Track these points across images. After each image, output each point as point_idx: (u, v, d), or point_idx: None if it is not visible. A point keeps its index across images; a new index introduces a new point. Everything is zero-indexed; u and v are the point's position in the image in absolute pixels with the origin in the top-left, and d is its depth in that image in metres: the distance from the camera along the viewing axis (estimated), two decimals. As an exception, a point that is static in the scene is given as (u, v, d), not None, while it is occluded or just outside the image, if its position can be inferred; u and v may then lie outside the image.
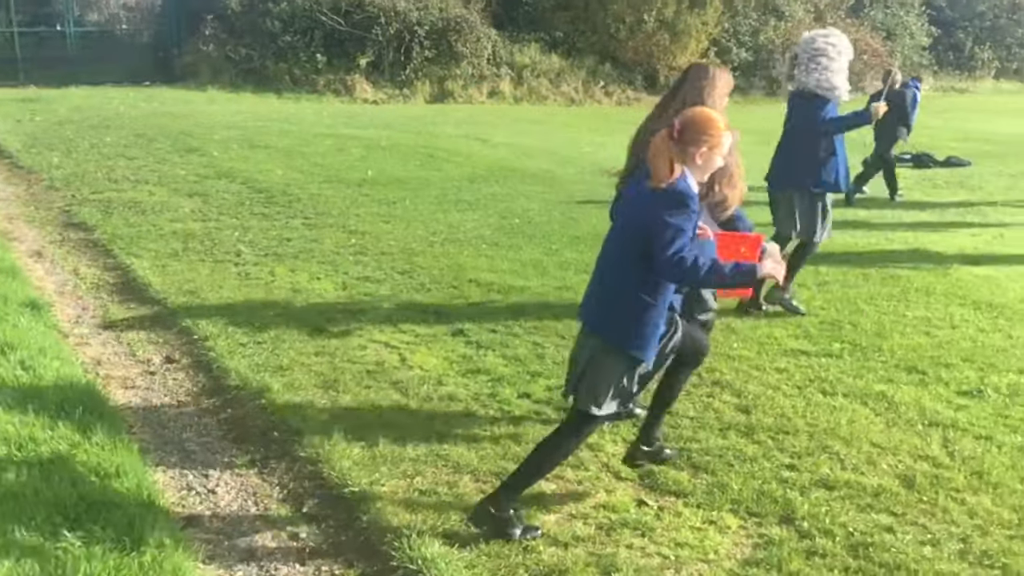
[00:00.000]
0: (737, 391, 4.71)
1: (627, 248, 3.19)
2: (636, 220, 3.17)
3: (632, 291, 3.17)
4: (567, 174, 11.51)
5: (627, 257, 3.18)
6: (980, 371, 5.03)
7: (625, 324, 3.19)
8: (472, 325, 5.59)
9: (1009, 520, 3.49)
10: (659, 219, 3.05)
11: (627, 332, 3.19)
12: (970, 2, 34.48)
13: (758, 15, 27.12)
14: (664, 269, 3.06)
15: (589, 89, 23.80)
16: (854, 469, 3.88)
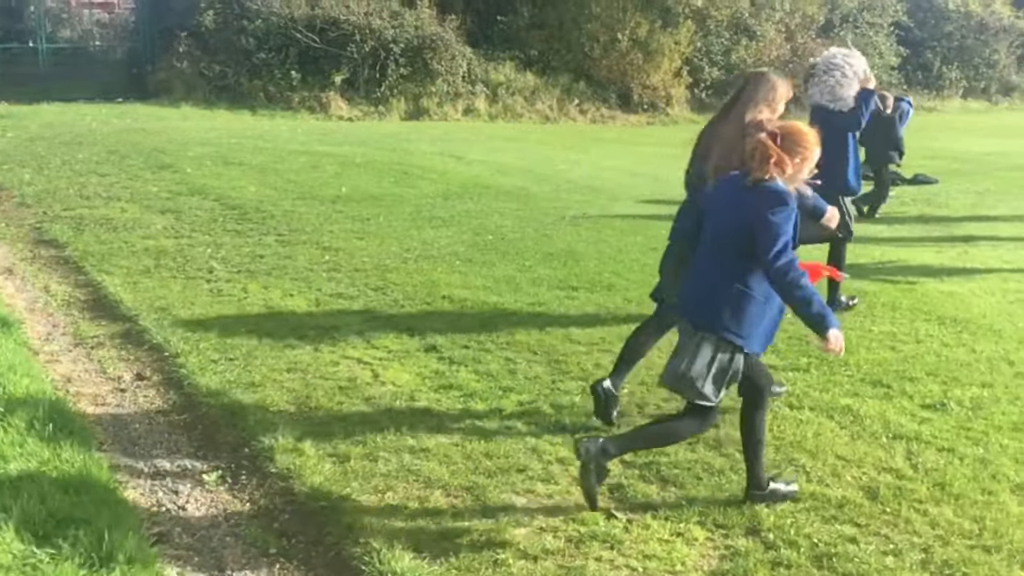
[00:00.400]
0: (706, 405, 4.76)
1: (728, 247, 3.45)
2: (737, 219, 3.41)
3: (736, 287, 3.42)
4: (542, 191, 11.58)
5: (728, 255, 3.44)
6: (944, 385, 5.13)
7: (732, 318, 3.42)
8: (445, 341, 5.62)
9: (970, 530, 3.56)
10: (762, 218, 3.30)
11: (735, 326, 3.42)
12: (938, 23, 35.03)
13: (730, 35, 27.43)
14: (769, 269, 3.32)
15: (564, 107, 23.95)
16: (819, 481, 3.95)
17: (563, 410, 4.63)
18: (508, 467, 3.98)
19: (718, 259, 3.51)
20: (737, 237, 3.40)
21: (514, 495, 3.76)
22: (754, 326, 3.47)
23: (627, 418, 4.55)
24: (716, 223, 3.59)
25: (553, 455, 4.13)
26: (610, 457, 3.58)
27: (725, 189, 3.59)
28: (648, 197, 11.38)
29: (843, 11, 30.79)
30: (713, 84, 27.12)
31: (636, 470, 4.02)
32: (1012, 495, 3.85)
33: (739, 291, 3.42)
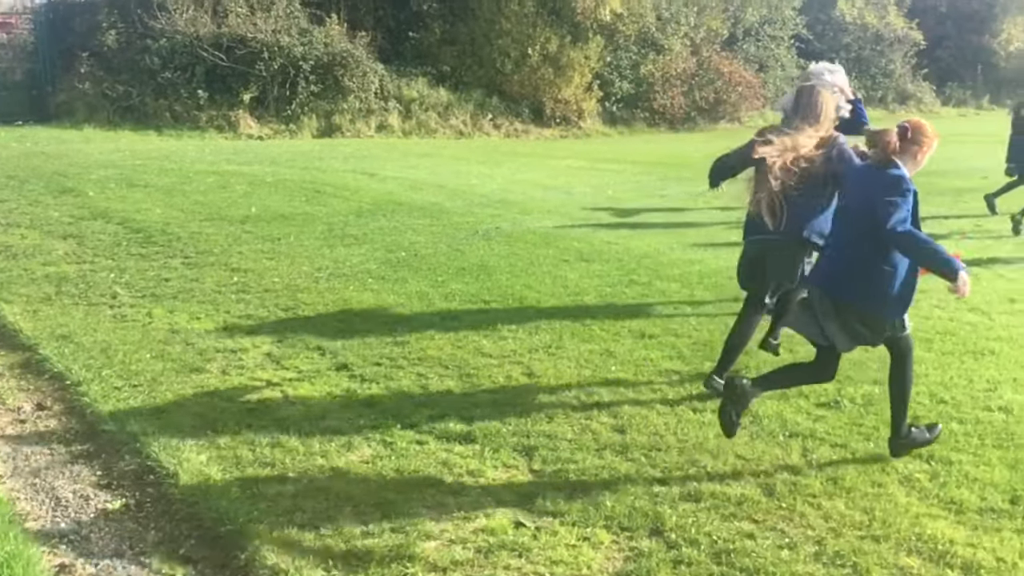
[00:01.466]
0: (614, 412, 4.89)
1: (858, 226, 4.07)
2: (862, 200, 4.06)
3: (872, 262, 4.02)
4: (455, 206, 11.65)
5: (860, 234, 4.04)
6: (838, 383, 5.32)
7: (873, 292, 4.05)
8: (356, 359, 5.63)
9: (860, 521, 3.74)
10: (880, 199, 3.94)
11: (876, 299, 4.07)
12: (836, 35, 36.46)
13: (638, 49, 28.05)
14: (890, 237, 3.91)
15: (477, 122, 24.13)
16: (720, 480, 4.09)
17: (474, 423, 4.68)
18: (418, 482, 4.02)
19: (853, 238, 4.14)
20: (865, 216, 4.00)
21: (424, 509, 3.79)
22: (887, 295, 4.06)
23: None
24: (850, 207, 4.25)
25: (464, 468, 4.18)
26: (754, 395, 4.25)
27: (857, 178, 4.31)
28: (560, 210, 11.55)
29: (745, 25, 31.77)
30: (624, 98, 27.69)
31: (545, 478, 4.10)
32: (900, 486, 4.05)
33: (872, 265, 4.03)
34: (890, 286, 4.05)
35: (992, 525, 3.71)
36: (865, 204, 4.03)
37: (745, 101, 29.98)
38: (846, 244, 4.24)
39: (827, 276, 4.30)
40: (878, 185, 4.01)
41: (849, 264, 4.16)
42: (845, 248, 4.24)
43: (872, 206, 3.96)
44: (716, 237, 9.94)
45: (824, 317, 4.20)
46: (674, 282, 7.80)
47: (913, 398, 5.08)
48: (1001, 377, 5.48)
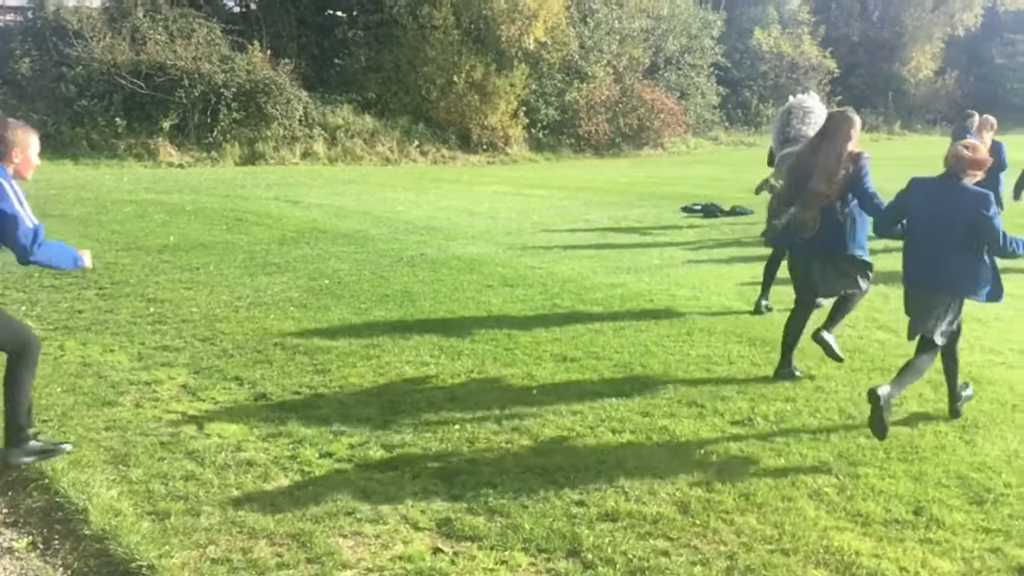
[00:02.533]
0: (534, 435, 4.92)
1: (957, 234, 4.84)
2: (957, 215, 4.82)
3: (972, 262, 4.88)
4: (380, 233, 11.63)
5: (960, 241, 4.83)
6: (752, 402, 5.49)
7: (976, 283, 4.93)
8: (275, 389, 5.56)
9: (771, 536, 3.83)
10: (982, 215, 4.75)
11: (980, 290, 4.94)
12: (753, 63, 37.59)
13: (562, 76, 28.49)
14: (998, 249, 4.82)
15: (404, 148, 24.17)
16: (637, 500, 4.15)
17: (395, 449, 4.67)
18: (336, 511, 3.99)
19: (947, 247, 4.88)
20: (954, 225, 4.81)
21: (341, 538, 3.76)
22: (979, 286, 4.93)
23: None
24: (930, 217, 4.96)
25: (383, 495, 4.16)
26: (893, 397, 4.77)
27: (925, 192, 5.04)
28: (485, 236, 11.62)
29: (667, 54, 32.54)
30: (550, 124, 28.06)
31: (465, 503, 4.10)
32: (809, 500, 4.17)
33: (964, 261, 4.87)
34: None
35: (896, 536, 3.84)
36: (953, 216, 4.86)
37: (668, 128, 30.67)
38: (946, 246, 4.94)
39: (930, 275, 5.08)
40: (968, 201, 4.84)
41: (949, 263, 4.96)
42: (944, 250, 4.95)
43: (964, 218, 4.82)
44: (638, 261, 10.12)
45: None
46: (597, 306, 7.90)
47: (822, 413, 5.27)
48: (907, 393, 5.66)
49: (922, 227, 5.05)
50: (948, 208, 4.87)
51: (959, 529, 3.88)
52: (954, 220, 4.84)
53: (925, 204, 5.02)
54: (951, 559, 3.64)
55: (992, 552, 3.70)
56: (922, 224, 5.05)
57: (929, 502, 4.12)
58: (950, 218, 4.85)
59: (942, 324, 5.05)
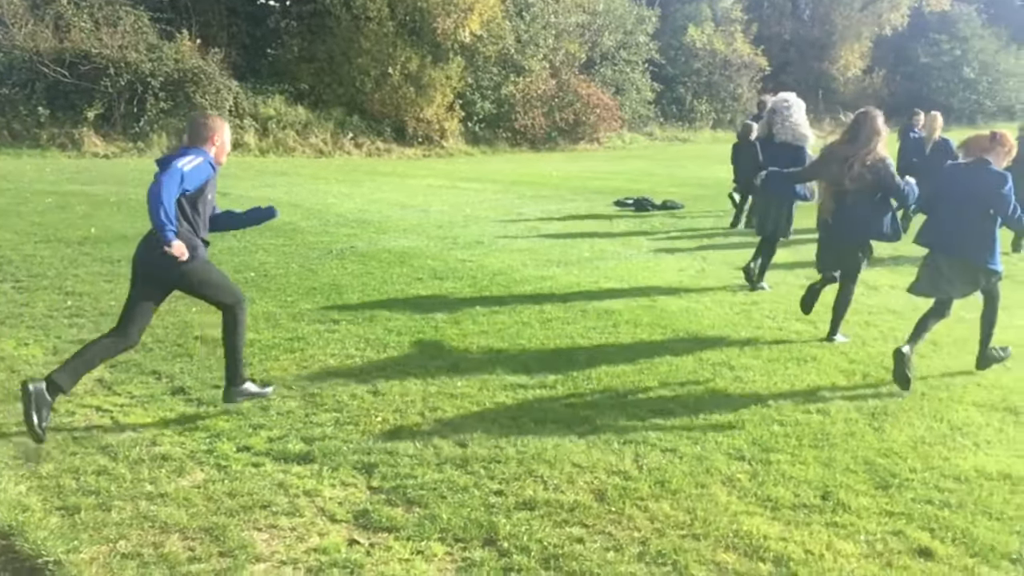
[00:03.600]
0: (456, 427, 4.93)
1: (978, 211, 5.69)
2: (978, 192, 5.70)
3: (989, 235, 5.70)
4: (310, 226, 11.52)
5: (979, 216, 5.68)
6: (672, 391, 5.59)
7: (990, 253, 5.71)
8: (194, 383, 5.48)
9: (683, 521, 3.91)
10: (997, 193, 5.62)
11: (993, 257, 5.72)
12: (687, 60, 38.04)
13: (499, 70, 28.50)
14: (1011, 222, 5.78)
15: (338, 140, 23.93)
16: (555, 488, 4.20)
17: (314, 442, 4.63)
18: (252, 504, 3.95)
19: (969, 221, 5.71)
20: (981, 201, 5.69)
21: (256, 532, 3.73)
22: (997, 255, 5.74)
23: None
24: (964, 196, 5.76)
25: (300, 488, 4.13)
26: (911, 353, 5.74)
27: (959, 178, 5.91)
28: (417, 229, 11.58)
29: (602, 49, 32.75)
30: (486, 118, 28.05)
31: (383, 495, 4.10)
32: (722, 486, 4.27)
33: (988, 234, 5.70)
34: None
35: (804, 520, 3.95)
36: (979, 195, 5.72)
37: (603, 122, 30.92)
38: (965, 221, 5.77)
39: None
40: (991, 181, 5.69)
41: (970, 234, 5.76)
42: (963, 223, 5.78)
43: (987, 196, 5.69)
44: (569, 254, 10.20)
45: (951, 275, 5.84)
46: (525, 298, 7.94)
47: (740, 402, 5.39)
48: (821, 381, 5.84)
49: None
50: (974, 187, 5.79)
51: (864, 513, 4.01)
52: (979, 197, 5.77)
53: (953, 185, 5.96)
54: (855, 541, 3.76)
55: (894, 535, 3.83)
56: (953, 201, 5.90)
57: (837, 487, 4.25)
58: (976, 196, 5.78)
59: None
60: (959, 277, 5.81)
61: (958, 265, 5.80)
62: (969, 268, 5.79)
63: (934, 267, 5.92)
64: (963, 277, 5.81)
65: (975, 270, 5.78)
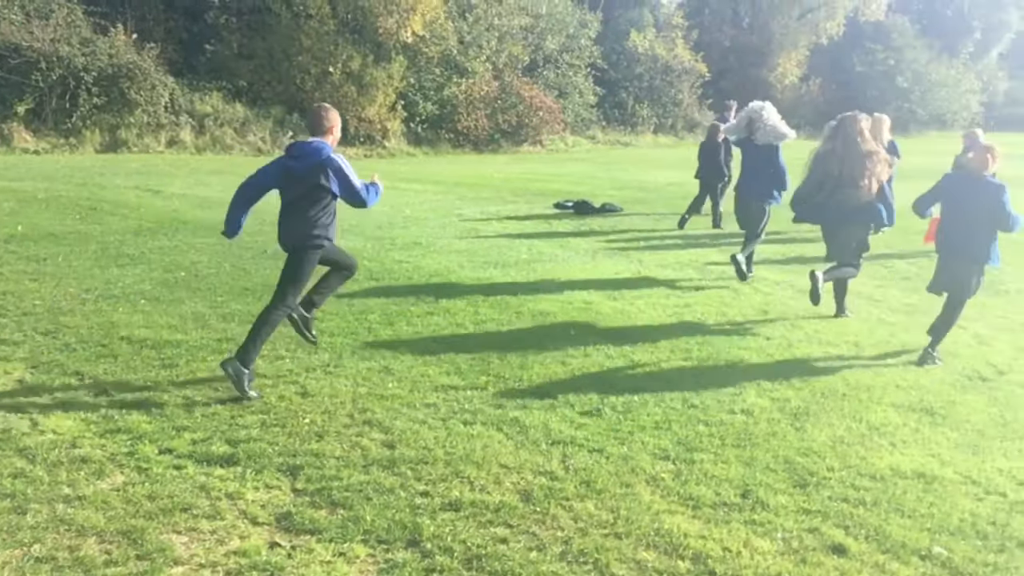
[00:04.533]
0: (386, 428, 4.92)
1: (983, 219, 6.42)
2: (981, 203, 6.42)
3: (992, 239, 6.46)
4: (247, 225, 11.32)
5: (985, 223, 6.43)
6: (602, 392, 5.64)
7: (992, 254, 6.49)
8: (118, 384, 5.38)
9: (606, 520, 3.96)
10: (999, 202, 6.34)
11: (995, 257, 6.52)
12: (630, 65, 38.42)
13: (441, 71, 28.44)
14: (1012, 228, 6.41)
15: (277, 139, 23.62)
16: (481, 489, 4.22)
17: (239, 444, 4.58)
18: (172, 507, 3.89)
19: (972, 226, 6.46)
20: (983, 210, 6.40)
21: (175, 535, 3.68)
22: (996, 254, 6.52)
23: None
24: (964, 204, 6.53)
25: (222, 490, 4.08)
26: (936, 345, 6.64)
27: (958, 186, 6.71)
28: (354, 230, 11.50)
29: (545, 52, 32.90)
30: (429, 118, 27.96)
31: (307, 497, 4.08)
32: (646, 486, 4.33)
33: (991, 239, 6.47)
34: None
35: (723, 518, 4.03)
36: (981, 204, 6.45)
37: (546, 125, 31.05)
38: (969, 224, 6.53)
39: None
40: (992, 192, 6.41)
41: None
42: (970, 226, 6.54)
43: (988, 204, 6.42)
44: (506, 256, 10.23)
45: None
46: (461, 300, 7.94)
47: (667, 402, 5.47)
48: (747, 382, 5.96)
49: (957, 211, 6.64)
50: (976, 197, 6.49)
51: (782, 510, 4.11)
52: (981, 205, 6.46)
53: (957, 195, 6.67)
54: (772, 539, 3.85)
55: (810, 532, 3.93)
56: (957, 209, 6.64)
57: (756, 485, 4.34)
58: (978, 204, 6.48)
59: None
60: (965, 273, 6.55)
61: (965, 264, 6.55)
62: (974, 266, 6.55)
63: (946, 268, 6.68)
64: (969, 272, 6.55)
65: (979, 268, 6.57)
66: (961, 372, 6.31)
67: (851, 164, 7.19)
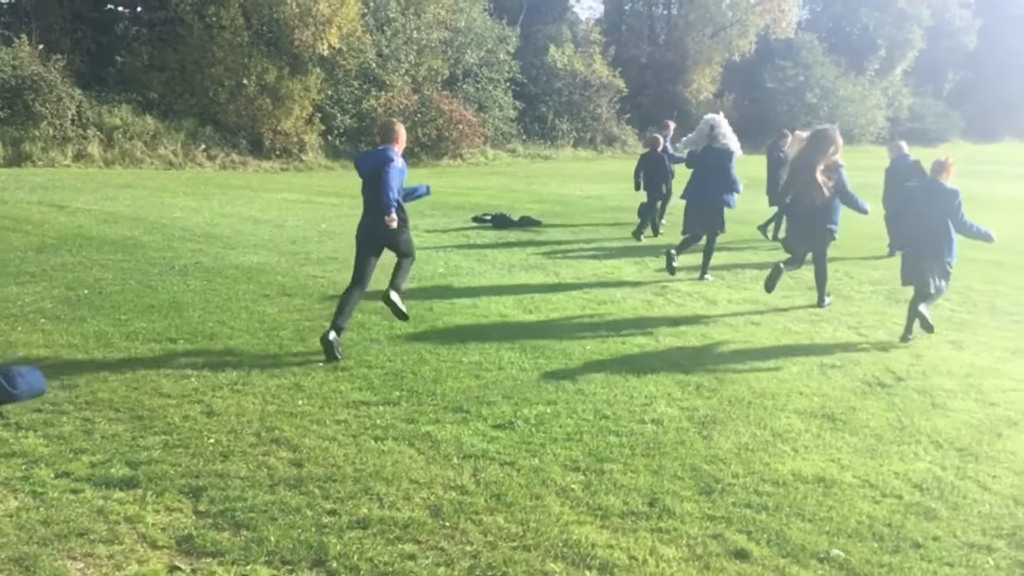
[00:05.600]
0: (294, 446, 4.85)
1: (942, 220, 7.41)
2: (938, 206, 7.42)
3: (950, 237, 7.45)
4: (153, 241, 11.08)
5: (944, 224, 7.42)
6: (515, 405, 5.66)
7: (951, 251, 7.49)
8: (12, 406, 5.17)
9: (516, 533, 3.96)
10: (953, 206, 7.36)
11: (953, 254, 7.52)
12: (549, 79, 38.80)
13: (359, 84, 28.26)
14: (962, 229, 7.44)
15: (190, 152, 23.15)
16: (391, 506, 4.18)
17: (140, 467, 4.45)
18: (67, 532, 3.76)
19: (932, 226, 7.47)
20: (941, 211, 7.43)
21: (70, 561, 3.55)
22: (955, 254, 7.55)
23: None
24: (926, 208, 7.52)
25: (121, 514, 3.96)
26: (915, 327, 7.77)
27: (920, 195, 7.71)
28: (268, 245, 11.33)
29: (465, 66, 32.99)
30: (347, 131, 27.74)
31: (210, 519, 3.98)
32: (556, 498, 4.35)
33: (949, 239, 7.48)
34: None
35: (631, 527, 4.07)
36: (939, 208, 7.46)
37: (466, 139, 31.12)
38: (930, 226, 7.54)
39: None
40: (948, 196, 7.45)
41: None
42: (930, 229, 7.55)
43: (945, 207, 7.45)
44: (423, 270, 10.19)
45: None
46: (375, 315, 7.88)
47: (579, 414, 5.51)
48: (658, 392, 6.05)
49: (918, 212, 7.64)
50: (935, 200, 7.49)
51: (687, 518, 4.17)
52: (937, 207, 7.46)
53: (919, 200, 7.66)
54: (677, 546, 3.91)
55: (714, 538, 4.00)
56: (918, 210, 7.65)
57: (664, 493, 4.41)
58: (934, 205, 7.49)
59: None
60: (929, 267, 7.48)
61: (928, 259, 7.50)
62: (937, 261, 7.49)
63: (911, 262, 7.62)
64: (933, 267, 7.49)
65: (942, 262, 7.49)
66: (861, 379, 6.52)
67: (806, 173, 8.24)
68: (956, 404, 5.97)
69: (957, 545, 4.00)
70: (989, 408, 5.92)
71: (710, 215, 10.00)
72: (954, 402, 6.02)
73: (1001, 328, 8.19)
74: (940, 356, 7.18)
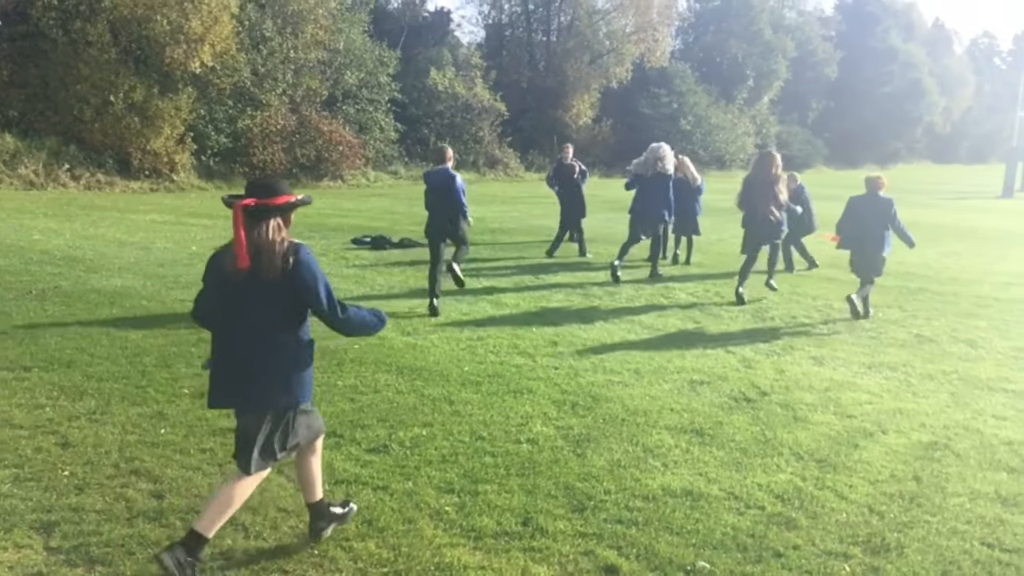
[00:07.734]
0: (155, 477, 4.64)
1: (881, 223, 9.44)
2: (878, 211, 9.45)
3: (887, 235, 9.56)
4: (8, 264, 10.48)
5: (883, 226, 9.46)
6: (390, 428, 5.59)
7: (886, 246, 9.63)
8: None
9: (387, 558, 3.90)
10: (891, 212, 9.44)
11: (887, 249, 9.69)
12: (430, 102, 38.81)
13: (234, 103, 27.59)
14: (898, 230, 9.54)
15: (52, 172, 22.06)
16: (256, 536, 4.05)
17: (-16, 504, 4.17)
18: None
19: (872, 228, 9.43)
20: (880, 216, 9.40)
21: (-102, 610, 3.28)
22: (889, 249, 9.69)
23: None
24: (864, 216, 9.52)
25: (-39, 556, 3.69)
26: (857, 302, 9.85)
27: (862, 203, 9.60)
28: (134, 268, 10.88)
29: (345, 87, 32.65)
30: (221, 151, 27.02)
31: (62, 555, 3.76)
32: (430, 521, 4.30)
33: (886, 236, 9.54)
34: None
35: (503, 547, 4.06)
36: (878, 216, 9.50)
37: (346, 160, 30.78)
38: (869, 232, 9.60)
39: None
40: (887, 206, 9.48)
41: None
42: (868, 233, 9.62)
43: (883, 216, 9.51)
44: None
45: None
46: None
47: (455, 435, 5.48)
48: (534, 412, 6.08)
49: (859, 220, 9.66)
50: (875, 208, 9.51)
51: (560, 536, 4.20)
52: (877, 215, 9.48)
53: (862, 208, 9.62)
54: (549, 564, 3.92)
55: (585, 555, 4.03)
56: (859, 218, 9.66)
57: (537, 512, 4.42)
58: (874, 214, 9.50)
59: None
60: (868, 263, 9.56)
61: (868, 256, 9.55)
62: (875, 257, 9.52)
63: (859, 259, 9.67)
64: (870, 263, 9.56)
65: (878, 258, 9.53)
66: (729, 394, 6.74)
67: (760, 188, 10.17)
68: (816, 417, 6.24)
69: (816, 553, 4.16)
70: (847, 420, 6.21)
71: (649, 224, 11.95)
72: (814, 415, 6.28)
73: (859, 344, 8.62)
74: (802, 371, 7.50)
